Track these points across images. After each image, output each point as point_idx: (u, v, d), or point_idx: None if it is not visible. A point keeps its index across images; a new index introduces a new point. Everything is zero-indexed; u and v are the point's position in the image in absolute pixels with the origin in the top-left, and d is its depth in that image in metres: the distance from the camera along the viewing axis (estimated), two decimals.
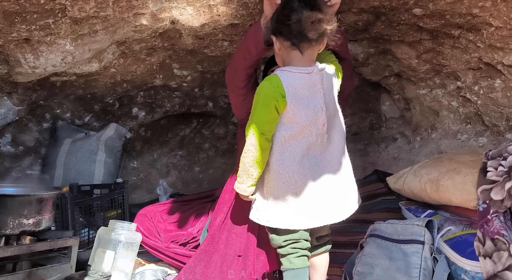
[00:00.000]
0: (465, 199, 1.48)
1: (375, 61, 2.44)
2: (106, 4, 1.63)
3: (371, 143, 2.81)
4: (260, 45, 1.51)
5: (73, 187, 2.13)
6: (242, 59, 1.60)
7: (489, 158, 1.43)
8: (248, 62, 1.59)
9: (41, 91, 2.33)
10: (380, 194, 2.25)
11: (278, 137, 1.37)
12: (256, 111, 1.35)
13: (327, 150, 1.40)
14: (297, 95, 1.33)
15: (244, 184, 1.40)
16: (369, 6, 1.83)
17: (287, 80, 1.32)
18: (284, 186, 1.38)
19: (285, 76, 1.33)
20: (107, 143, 2.57)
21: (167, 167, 3.06)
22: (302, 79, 1.34)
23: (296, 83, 1.33)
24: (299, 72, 1.34)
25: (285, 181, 1.37)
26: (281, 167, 1.36)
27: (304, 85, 1.34)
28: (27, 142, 2.46)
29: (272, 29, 1.39)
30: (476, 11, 1.67)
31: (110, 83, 2.46)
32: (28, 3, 1.49)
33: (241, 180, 1.41)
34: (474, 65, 2.02)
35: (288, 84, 1.32)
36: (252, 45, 1.54)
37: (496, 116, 2.07)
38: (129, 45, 2.12)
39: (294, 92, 1.32)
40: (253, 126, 1.34)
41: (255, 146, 1.34)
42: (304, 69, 1.35)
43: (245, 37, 1.63)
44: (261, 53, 1.57)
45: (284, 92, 1.31)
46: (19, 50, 1.78)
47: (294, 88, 1.32)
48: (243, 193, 1.42)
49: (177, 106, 2.86)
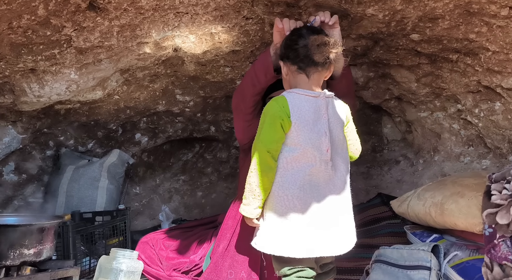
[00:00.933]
0: (470, 223, 1.46)
1: (375, 85, 2.46)
2: (110, 34, 1.67)
3: (374, 165, 2.80)
4: (270, 73, 1.55)
5: (75, 214, 2.12)
6: (251, 86, 1.63)
7: (492, 181, 1.43)
8: (257, 89, 1.63)
9: (45, 119, 2.35)
10: (384, 218, 2.22)
11: (280, 159, 1.36)
12: (262, 131, 1.35)
13: (331, 179, 1.38)
14: (302, 117, 1.34)
15: (251, 206, 1.36)
16: (367, 32, 1.87)
17: (293, 101, 1.34)
18: (282, 209, 1.35)
19: (292, 97, 1.35)
20: (109, 169, 2.58)
21: (170, 192, 3.05)
22: (308, 101, 1.35)
23: (302, 105, 1.35)
24: (306, 94, 1.36)
25: (283, 204, 1.35)
26: (281, 189, 1.35)
27: (309, 107, 1.35)
28: (30, 170, 2.46)
29: (280, 54, 1.44)
30: (473, 37, 1.70)
31: (113, 110, 2.48)
32: (35, 35, 1.53)
33: (247, 202, 1.37)
34: (473, 88, 2.04)
35: (294, 105, 1.34)
36: (262, 73, 1.58)
37: (498, 138, 2.07)
38: (133, 72, 2.16)
39: (299, 113, 1.34)
40: (259, 145, 1.34)
41: (262, 165, 1.33)
42: (310, 92, 1.37)
43: (253, 64, 1.67)
44: (271, 80, 1.61)
45: (289, 112, 1.32)
46: (24, 80, 1.81)
47: (300, 109, 1.34)
48: (250, 216, 1.38)
49: (179, 131, 2.88)
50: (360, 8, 1.62)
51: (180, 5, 1.55)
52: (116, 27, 1.63)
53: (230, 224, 1.76)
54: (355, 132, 1.50)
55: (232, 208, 1.81)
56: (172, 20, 1.69)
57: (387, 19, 1.69)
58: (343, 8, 1.65)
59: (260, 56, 1.65)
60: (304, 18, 1.76)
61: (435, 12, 1.60)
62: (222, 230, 1.78)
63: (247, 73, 1.71)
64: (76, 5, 1.42)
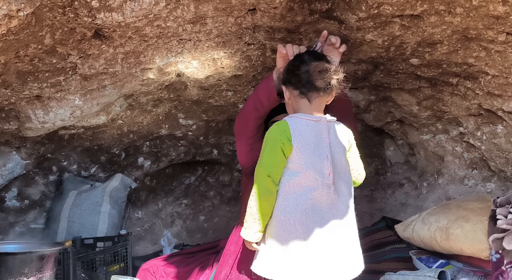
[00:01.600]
0: (477, 249, 1.43)
1: (376, 108, 2.47)
2: (115, 61, 1.70)
3: (377, 188, 2.78)
4: (273, 97, 1.57)
5: (76, 240, 2.10)
6: (254, 110, 1.65)
7: (497, 205, 1.41)
8: (260, 113, 1.65)
9: (49, 144, 2.36)
10: (389, 242, 2.19)
11: (282, 183, 1.35)
12: (264, 155, 1.36)
13: (334, 203, 1.36)
14: (304, 141, 1.35)
15: (251, 230, 1.35)
16: (367, 57, 1.89)
17: (294, 125, 1.36)
18: (284, 233, 1.33)
19: (293, 121, 1.37)
20: (112, 194, 2.57)
21: (172, 216, 3.03)
22: (309, 125, 1.37)
23: (303, 129, 1.36)
24: (307, 118, 1.38)
25: (285, 228, 1.33)
26: (283, 213, 1.34)
27: (311, 131, 1.36)
28: (33, 196, 2.45)
29: (283, 79, 1.47)
30: (472, 61, 1.72)
31: (117, 134, 2.50)
32: (41, 63, 1.56)
33: (248, 225, 1.36)
34: (474, 112, 2.04)
35: (295, 128, 1.35)
36: (265, 97, 1.60)
37: (502, 161, 2.06)
38: (136, 97, 2.19)
39: (301, 137, 1.35)
40: (260, 169, 1.35)
41: (262, 189, 1.33)
42: (312, 116, 1.39)
43: (256, 89, 1.69)
44: (274, 104, 1.63)
45: (290, 136, 1.33)
46: (29, 107, 1.83)
47: (301, 133, 1.35)
48: (250, 240, 1.37)
49: (182, 154, 2.88)
50: (359, 34, 1.65)
51: (183, 32, 1.59)
52: (120, 54, 1.66)
53: (232, 249, 1.73)
54: (359, 158, 1.50)
55: (234, 233, 1.79)
56: (175, 47, 1.73)
57: (386, 44, 1.72)
58: (343, 33, 1.68)
59: (263, 80, 1.68)
60: (305, 44, 1.79)
61: (433, 37, 1.62)
62: (224, 256, 1.75)
63: (250, 97, 1.73)
64: (82, 33, 1.46)
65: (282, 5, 1.49)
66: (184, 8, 1.44)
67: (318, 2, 1.51)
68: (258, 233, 1.36)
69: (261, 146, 1.40)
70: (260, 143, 1.44)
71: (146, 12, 1.37)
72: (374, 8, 1.46)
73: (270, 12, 1.54)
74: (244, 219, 1.39)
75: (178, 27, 1.55)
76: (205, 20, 1.55)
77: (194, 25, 1.56)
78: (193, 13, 1.46)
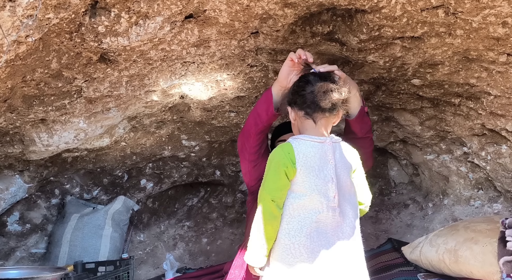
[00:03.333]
0: (487, 272, 1.40)
1: (379, 128, 2.47)
2: (119, 84, 1.72)
3: (382, 209, 2.74)
4: (270, 111, 1.58)
5: (77, 265, 2.06)
6: (254, 125, 1.66)
7: (506, 226, 1.38)
8: (259, 128, 1.65)
9: (52, 167, 2.36)
10: (396, 265, 2.14)
11: (286, 205, 1.33)
12: (267, 178, 1.34)
13: (339, 226, 1.34)
14: (308, 163, 1.33)
15: (256, 254, 1.32)
16: (369, 78, 1.91)
17: (298, 147, 1.34)
18: (288, 258, 1.30)
19: (297, 143, 1.35)
20: (114, 217, 2.54)
21: (174, 239, 2.99)
22: (314, 147, 1.35)
23: (308, 151, 1.34)
24: (312, 140, 1.36)
25: (289, 252, 1.30)
26: (287, 237, 1.31)
27: (315, 153, 1.34)
28: (35, 219, 2.43)
29: (288, 100, 1.45)
30: (473, 81, 1.73)
31: (120, 156, 2.50)
32: (47, 87, 1.58)
33: (252, 250, 1.32)
34: (478, 132, 2.04)
35: (300, 151, 1.33)
36: (263, 111, 1.61)
37: (508, 182, 2.04)
38: (140, 119, 2.20)
39: (305, 159, 1.33)
40: (264, 193, 1.32)
41: (266, 214, 1.30)
42: (316, 138, 1.37)
43: (256, 104, 1.70)
44: (272, 118, 1.63)
45: (294, 159, 1.32)
46: (34, 130, 1.84)
47: (305, 155, 1.33)
48: (255, 264, 1.34)
49: (185, 176, 2.87)
50: (361, 55, 1.66)
51: (187, 55, 1.61)
52: (125, 77, 1.68)
53: (236, 274, 1.70)
54: (364, 179, 1.47)
55: (239, 256, 1.76)
56: (179, 69, 1.75)
57: (388, 65, 1.73)
58: (344, 55, 1.70)
59: (262, 95, 1.68)
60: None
61: (434, 58, 1.64)
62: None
63: (250, 112, 1.74)
64: (87, 58, 1.48)
65: (284, 28, 1.52)
66: (188, 32, 1.46)
67: (319, 25, 1.53)
68: (263, 258, 1.33)
69: (265, 163, 1.39)
70: (262, 160, 1.42)
71: (151, 36, 1.39)
72: (375, 30, 1.48)
73: (273, 35, 1.56)
74: (248, 243, 1.36)
75: (182, 50, 1.57)
76: (208, 43, 1.58)
77: (197, 48, 1.59)
78: (197, 36, 1.49)
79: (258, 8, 1.37)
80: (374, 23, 1.44)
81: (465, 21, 1.37)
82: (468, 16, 1.34)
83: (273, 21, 1.46)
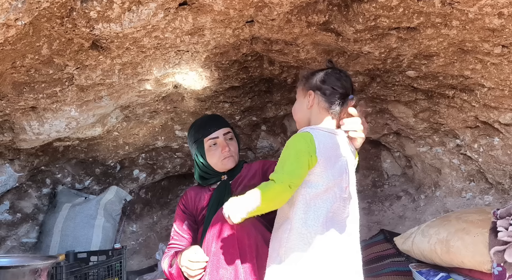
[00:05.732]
0: (478, 261, 1.42)
1: (373, 120, 2.48)
2: (112, 72, 1.69)
3: (375, 201, 2.76)
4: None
5: (69, 254, 2.04)
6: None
7: (497, 217, 1.40)
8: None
9: (43, 156, 2.33)
10: (388, 256, 2.16)
11: (303, 194, 1.31)
12: (288, 163, 1.28)
13: (347, 217, 1.35)
14: (326, 154, 1.32)
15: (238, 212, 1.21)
16: (364, 69, 1.90)
17: (318, 137, 1.33)
18: (305, 247, 1.28)
19: (317, 133, 1.34)
20: (106, 207, 2.53)
21: (167, 229, 2.98)
22: (331, 138, 1.35)
23: (327, 142, 1.33)
24: (328, 131, 1.36)
25: (307, 242, 1.28)
26: (304, 226, 1.29)
27: (332, 145, 1.34)
28: (25, 209, 2.40)
29: (315, 84, 1.41)
30: (468, 73, 1.73)
31: (112, 146, 2.47)
32: (37, 73, 1.55)
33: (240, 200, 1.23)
34: (471, 124, 2.05)
35: (320, 141, 1.32)
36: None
37: (499, 174, 2.06)
38: (133, 109, 2.17)
39: (324, 150, 1.32)
40: (284, 176, 1.25)
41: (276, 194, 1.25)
42: (332, 130, 1.37)
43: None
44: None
45: (315, 149, 1.30)
46: (24, 118, 1.81)
47: (325, 146, 1.32)
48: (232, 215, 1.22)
49: (178, 167, 2.86)
50: (356, 46, 1.66)
51: (181, 43, 1.59)
52: (117, 65, 1.65)
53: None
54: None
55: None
56: (173, 58, 1.72)
57: (383, 56, 1.73)
58: (340, 45, 1.70)
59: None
60: (302, 55, 1.80)
61: (430, 50, 1.64)
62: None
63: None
64: (79, 44, 1.45)
65: (279, 17, 1.50)
66: (183, 20, 1.44)
67: (315, 14, 1.52)
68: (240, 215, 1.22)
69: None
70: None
71: (145, 23, 1.37)
72: (371, 20, 1.47)
73: (268, 24, 1.55)
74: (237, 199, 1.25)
75: (176, 38, 1.55)
76: (203, 32, 1.56)
77: (192, 36, 1.57)
78: (191, 24, 1.47)
79: None
80: (370, 13, 1.43)
81: (461, 11, 1.37)
82: (464, 7, 1.34)
83: (269, 9, 1.45)
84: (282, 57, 1.86)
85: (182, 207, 1.81)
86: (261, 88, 2.32)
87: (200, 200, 1.78)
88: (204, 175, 1.78)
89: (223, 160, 1.73)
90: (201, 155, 1.75)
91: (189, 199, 1.81)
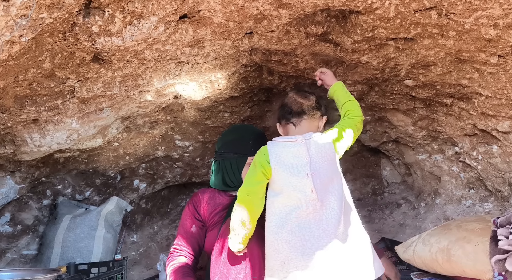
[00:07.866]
0: (479, 270, 1.42)
1: (372, 128, 2.49)
2: (113, 84, 1.71)
3: (375, 209, 2.76)
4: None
5: (70, 266, 2.04)
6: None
7: (498, 225, 1.40)
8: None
9: (44, 168, 2.33)
10: None
11: (268, 204, 1.43)
12: (246, 177, 1.49)
13: (322, 218, 1.37)
14: (281, 162, 1.43)
15: (232, 240, 1.44)
16: (363, 78, 1.92)
17: (272, 148, 1.47)
18: (274, 254, 1.37)
19: (271, 144, 1.49)
20: (107, 218, 2.52)
21: (168, 239, 2.97)
22: (286, 147, 1.45)
23: (280, 151, 1.45)
24: (284, 141, 1.48)
25: (274, 249, 1.37)
26: (271, 234, 1.39)
27: (288, 153, 1.44)
28: (26, 221, 2.39)
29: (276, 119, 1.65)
30: (465, 82, 1.75)
31: (112, 157, 2.48)
32: (39, 87, 1.56)
33: (230, 236, 1.45)
34: (469, 132, 2.06)
35: (273, 151, 1.45)
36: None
37: (498, 181, 2.06)
38: (133, 119, 2.18)
39: (278, 158, 1.43)
40: (242, 187, 1.46)
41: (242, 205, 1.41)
42: (289, 138, 1.49)
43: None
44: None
45: (269, 158, 1.44)
46: (26, 130, 1.81)
47: (278, 155, 1.44)
48: (232, 248, 1.44)
49: (178, 176, 2.86)
50: (354, 56, 1.68)
51: (181, 55, 1.61)
52: (119, 77, 1.67)
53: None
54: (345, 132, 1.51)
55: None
56: (173, 69, 1.74)
57: (381, 66, 1.75)
58: (338, 56, 1.71)
59: None
60: (301, 66, 1.82)
61: (427, 59, 1.65)
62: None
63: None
64: (81, 58, 1.47)
65: (278, 29, 1.52)
66: (183, 32, 1.46)
67: (314, 26, 1.54)
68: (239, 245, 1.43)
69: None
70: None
71: (146, 36, 1.39)
72: (368, 31, 1.49)
73: (267, 35, 1.57)
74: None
75: (177, 50, 1.56)
76: (203, 44, 1.57)
77: (192, 48, 1.58)
78: (192, 36, 1.48)
79: (253, 8, 1.37)
80: (368, 24, 1.45)
81: (458, 22, 1.39)
82: (460, 18, 1.36)
83: (268, 21, 1.47)
84: (281, 67, 1.88)
85: (192, 209, 1.81)
86: (260, 98, 2.33)
87: (216, 204, 1.79)
88: (230, 184, 1.81)
89: None
90: (238, 168, 1.79)
91: (201, 202, 1.81)
